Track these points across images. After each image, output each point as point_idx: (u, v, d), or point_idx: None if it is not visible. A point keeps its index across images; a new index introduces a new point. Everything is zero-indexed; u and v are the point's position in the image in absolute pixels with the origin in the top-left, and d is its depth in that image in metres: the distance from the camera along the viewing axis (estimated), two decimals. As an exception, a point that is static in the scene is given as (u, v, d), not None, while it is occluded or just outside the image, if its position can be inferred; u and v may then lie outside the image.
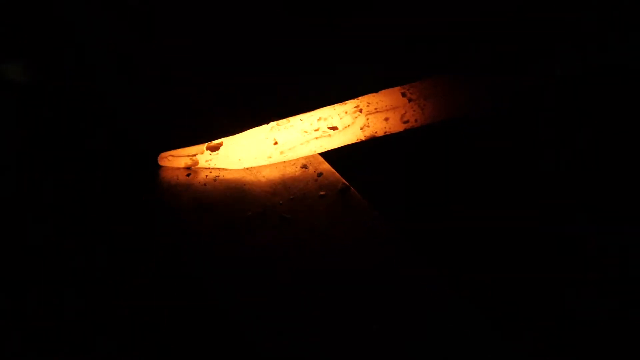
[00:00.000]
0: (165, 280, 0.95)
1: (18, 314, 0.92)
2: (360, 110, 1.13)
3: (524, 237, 1.04)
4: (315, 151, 1.14)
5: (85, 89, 1.29)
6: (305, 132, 1.11)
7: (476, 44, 1.33)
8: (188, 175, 1.12)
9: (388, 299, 0.91)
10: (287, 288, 0.92)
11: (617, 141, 1.19)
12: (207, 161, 1.12)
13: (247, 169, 1.13)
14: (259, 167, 1.14)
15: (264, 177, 1.12)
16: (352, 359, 0.85)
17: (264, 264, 0.96)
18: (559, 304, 0.96)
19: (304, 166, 1.14)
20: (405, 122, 1.15)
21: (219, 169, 1.13)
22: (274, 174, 1.13)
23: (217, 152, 1.11)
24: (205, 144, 1.12)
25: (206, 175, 1.12)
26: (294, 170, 1.14)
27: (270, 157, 1.12)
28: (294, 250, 0.98)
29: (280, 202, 1.07)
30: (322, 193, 1.09)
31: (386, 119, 1.14)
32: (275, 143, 1.11)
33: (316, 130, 1.12)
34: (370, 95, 1.14)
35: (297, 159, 1.15)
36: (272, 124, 1.13)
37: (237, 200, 1.08)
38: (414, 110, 1.14)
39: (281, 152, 1.12)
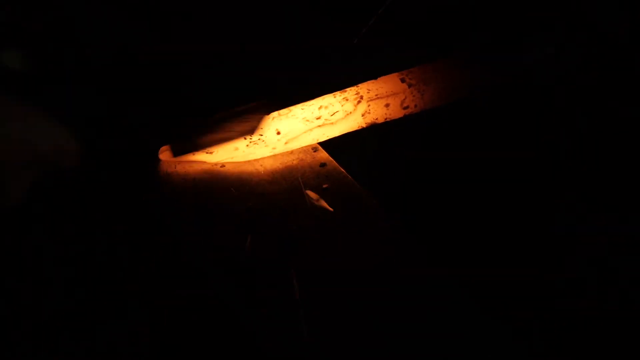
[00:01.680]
0: (165, 280, 0.95)
1: (16, 314, 0.92)
2: (361, 97, 1.12)
3: (524, 237, 1.04)
4: (318, 140, 1.14)
5: (86, 82, 1.28)
6: (307, 120, 1.11)
7: (472, 25, 1.31)
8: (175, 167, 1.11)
9: (388, 299, 0.91)
10: (286, 288, 0.92)
11: (617, 139, 1.18)
12: (209, 154, 1.11)
13: (249, 160, 1.13)
14: (261, 157, 1.14)
15: (261, 166, 1.12)
16: (351, 358, 0.85)
17: (263, 261, 0.96)
18: (559, 303, 0.96)
19: (314, 149, 1.14)
20: (405, 108, 1.14)
21: (219, 162, 1.13)
22: (273, 164, 1.13)
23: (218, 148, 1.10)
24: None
25: (213, 165, 1.12)
26: (292, 159, 1.14)
27: (274, 149, 1.12)
28: (293, 250, 0.98)
29: (280, 192, 1.07)
30: (325, 186, 1.08)
31: (387, 105, 1.13)
32: (278, 133, 1.11)
33: (318, 118, 1.12)
34: (370, 81, 1.13)
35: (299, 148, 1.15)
36: (274, 114, 1.12)
37: (237, 191, 1.07)
38: (414, 96, 1.14)
39: (286, 143, 1.11)
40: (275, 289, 0.92)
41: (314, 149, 1.16)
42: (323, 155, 1.15)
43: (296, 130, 1.11)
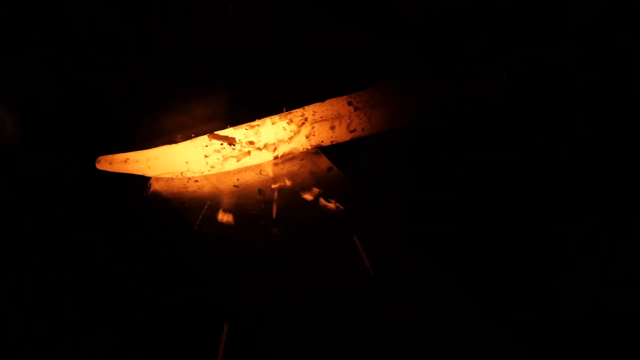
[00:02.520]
0: (165, 280, 0.95)
1: (16, 314, 0.92)
2: (306, 119, 1.11)
3: (524, 237, 1.04)
4: (258, 162, 1.12)
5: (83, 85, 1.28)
6: (250, 142, 1.10)
7: (420, 50, 1.31)
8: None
9: (387, 299, 0.91)
10: (286, 288, 0.92)
11: (617, 139, 1.19)
12: (148, 167, 1.06)
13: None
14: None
15: (262, 171, 1.12)
16: (351, 358, 0.85)
17: (264, 261, 0.96)
18: (559, 303, 0.96)
19: (316, 152, 1.14)
20: (352, 131, 1.15)
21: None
22: (274, 168, 1.13)
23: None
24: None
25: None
26: (292, 163, 1.14)
27: (213, 167, 1.10)
28: (293, 250, 0.98)
29: (281, 195, 1.07)
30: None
31: (332, 128, 1.13)
32: (218, 152, 1.08)
33: (260, 140, 1.09)
34: (316, 104, 1.13)
35: (298, 153, 1.15)
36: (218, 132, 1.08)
37: (237, 197, 1.07)
38: (360, 119, 1.14)
39: (222, 162, 1.09)
40: (275, 289, 0.92)
41: (316, 153, 1.16)
42: (324, 159, 1.15)
43: (236, 151, 1.10)
